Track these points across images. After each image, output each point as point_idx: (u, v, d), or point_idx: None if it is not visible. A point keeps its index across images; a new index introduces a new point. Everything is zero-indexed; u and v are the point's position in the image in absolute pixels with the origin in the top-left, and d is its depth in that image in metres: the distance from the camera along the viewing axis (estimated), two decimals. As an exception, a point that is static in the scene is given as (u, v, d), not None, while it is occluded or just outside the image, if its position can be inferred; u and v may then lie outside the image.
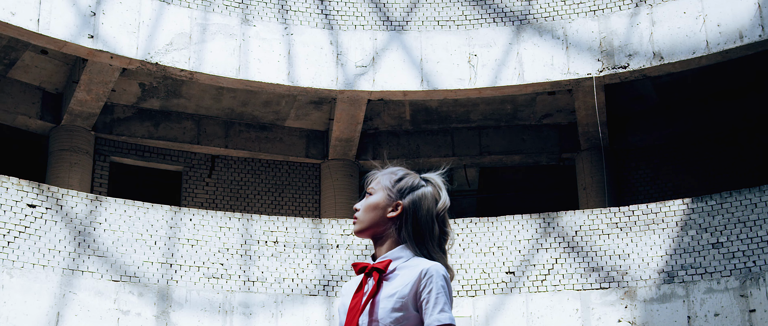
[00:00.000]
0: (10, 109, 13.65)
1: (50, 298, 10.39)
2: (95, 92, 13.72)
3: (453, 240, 2.72)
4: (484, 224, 12.64)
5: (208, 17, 13.68)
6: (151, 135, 14.70)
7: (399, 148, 15.83)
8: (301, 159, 15.59)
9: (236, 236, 11.94)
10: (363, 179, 2.69)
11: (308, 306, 11.77)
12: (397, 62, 14.17)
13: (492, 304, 12.04)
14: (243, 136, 15.29)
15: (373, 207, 2.55)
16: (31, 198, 10.83)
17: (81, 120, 13.98)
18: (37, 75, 13.92)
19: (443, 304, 2.41)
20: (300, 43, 14.03)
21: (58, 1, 12.52)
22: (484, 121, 15.85)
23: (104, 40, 12.75)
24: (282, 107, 15.32)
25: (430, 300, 2.40)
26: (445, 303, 2.42)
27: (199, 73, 13.35)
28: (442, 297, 2.41)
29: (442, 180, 2.71)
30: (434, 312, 2.39)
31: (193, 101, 14.92)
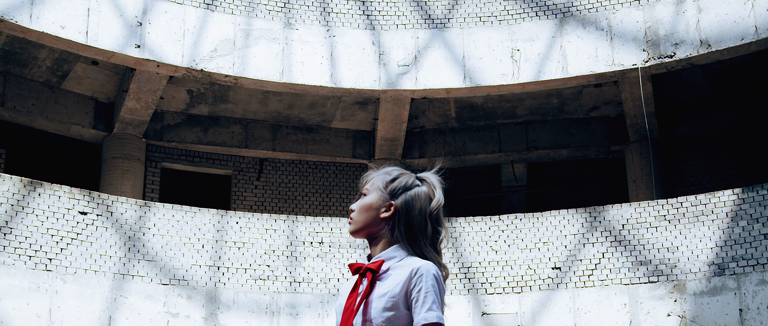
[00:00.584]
0: (65, 120, 14.06)
1: (102, 302, 10.70)
2: (144, 100, 14.05)
3: (448, 238, 2.75)
4: (529, 220, 12.57)
5: (252, 22, 13.89)
6: (201, 140, 14.99)
7: (445, 145, 15.83)
8: (347, 159, 15.71)
9: (282, 238, 12.11)
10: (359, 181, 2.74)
11: (354, 305, 11.87)
12: (440, 60, 14.18)
13: (538, 300, 11.96)
14: (290, 138, 15.48)
15: (366, 208, 2.59)
16: (82, 205, 11.17)
17: (132, 128, 14.33)
18: (90, 85, 14.32)
19: (431, 303, 2.43)
20: (342, 45, 14.14)
21: (105, 13, 12.86)
22: (531, 116, 15.74)
23: (150, 49, 13.06)
24: (328, 109, 15.46)
25: (420, 298, 2.43)
26: (434, 302, 2.45)
27: (243, 78, 13.56)
28: (430, 295, 2.44)
29: (438, 179, 2.75)
30: (422, 310, 2.42)
31: (241, 106, 15.16)
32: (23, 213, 10.72)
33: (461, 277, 12.20)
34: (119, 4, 13.07)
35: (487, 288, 12.12)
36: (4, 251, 10.38)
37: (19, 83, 13.76)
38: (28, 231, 10.63)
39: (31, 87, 13.86)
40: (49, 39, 12.47)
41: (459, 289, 12.11)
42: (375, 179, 2.66)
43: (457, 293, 12.08)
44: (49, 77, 13.99)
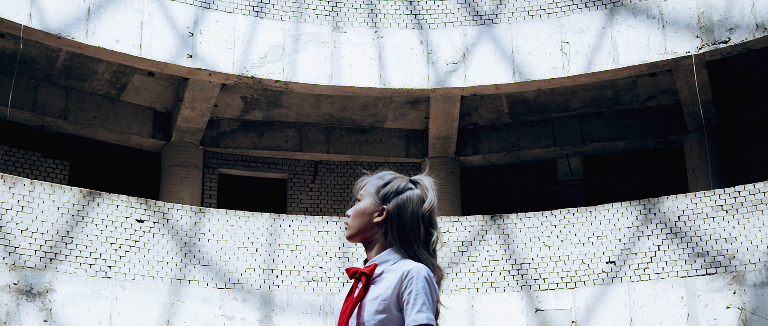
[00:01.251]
0: (125, 130, 14.51)
1: (160, 307, 11.02)
2: (199, 109, 14.39)
3: (441, 240, 2.78)
4: (582, 214, 12.43)
5: (300, 27, 14.08)
6: (256, 145, 15.27)
7: (499, 141, 15.77)
8: (401, 159, 15.79)
9: (334, 239, 12.25)
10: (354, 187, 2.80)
11: (407, 304, 11.94)
12: (488, 56, 14.13)
13: (593, 295, 11.83)
14: (343, 140, 15.63)
15: (360, 213, 2.64)
16: (139, 213, 11.52)
17: (189, 136, 14.69)
18: (147, 96, 14.73)
19: (421, 305, 2.47)
20: (390, 45, 14.22)
21: (158, 26, 13.22)
22: (585, 109, 15.55)
23: (202, 58, 13.37)
24: (380, 109, 15.57)
25: (410, 300, 2.47)
26: (424, 304, 2.48)
27: (293, 82, 13.77)
28: (420, 297, 2.47)
29: (431, 182, 2.78)
30: (412, 312, 2.46)
31: (294, 110, 15.39)
32: (83, 222, 11.12)
33: (514, 274, 12.15)
34: (171, 16, 13.42)
35: (540, 284, 12.05)
36: (65, 260, 10.79)
37: (80, 97, 14.25)
38: (88, 240, 11.02)
39: (91, 100, 14.33)
40: (104, 53, 12.88)
41: (512, 286, 12.07)
42: (368, 184, 2.71)
43: (510, 290, 12.04)
44: (108, 90, 14.45)
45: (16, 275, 10.37)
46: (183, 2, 13.59)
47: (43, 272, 10.55)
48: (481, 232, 12.53)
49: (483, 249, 12.37)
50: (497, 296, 11.99)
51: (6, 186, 10.72)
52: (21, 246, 10.52)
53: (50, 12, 12.41)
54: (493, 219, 12.62)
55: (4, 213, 10.58)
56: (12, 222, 10.61)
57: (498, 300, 11.97)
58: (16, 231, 10.57)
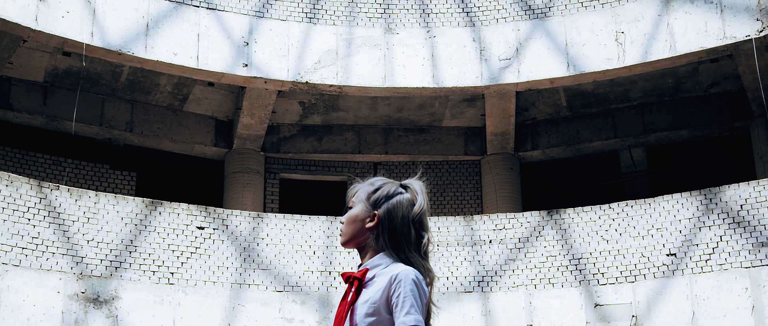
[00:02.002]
0: (188, 140, 14.94)
1: (221, 312, 11.34)
2: (257, 116, 14.71)
3: (432, 242, 2.85)
4: (641, 206, 12.24)
5: (353, 31, 14.25)
6: (315, 149, 15.51)
7: (558, 135, 15.62)
8: (460, 157, 15.80)
9: (390, 240, 12.36)
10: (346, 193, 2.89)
11: (464, 303, 11.97)
12: (542, 50, 14.03)
13: (653, 289, 11.64)
14: (402, 140, 15.74)
15: (352, 220, 2.72)
16: (199, 220, 11.87)
17: (250, 142, 15.03)
18: (209, 106, 15.13)
19: (410, 307, 2.54)
20: (443, 44, 14.26)
21: (214, 37, 13.58)
22: (646, 98, 15.27)
23: (257, 66, 13.67)
24: (436, 108, 15.61)
25: (399, 303, 2.55)
26: (412, 306, 2.55)
27: (347, 86, 13.94)
28: (408, 300, 2.55)
29: (421, 186, 2.84)
30: (401, 314, 2.54)
31: (351, 113, 15.57)
32: (146, 231, 11.52)
33: (572, 269, 12.04)
34: (226, 27, 13.76)
35: (599, 278, 11.91)
36: (130, 268, 11.20)
37: (144, 109, 14.75)
38: (151, 248, 11.42)
39: (155, 112, 14.81)
40: (163, 66, 13.30)
41: (570, 281, 11.96)
42: (359, 191, 2.77)
43: (568, 285, 11.94)
44: (171, 101, 14.90)
45: (83, 284, 10.83)
46: (238, 13, 13.91)
47: (109, 280, 10.98)
48: (538, 228, 12.46)
49: (540, 245, 12.30)
50: (555, 292, 11.91)
51: (72, 199, 11.20)
52: (88, 256, 10.98)
53: (110, 29, 12.88)
54: (550, 214, 12.53)
55: (71, 225, 11.06)
56: (79, 233, 11.07)
57: (556, 296, 11.89)
58: (82, 242, 11.03)
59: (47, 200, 11.04)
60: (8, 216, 10.66)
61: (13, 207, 10.75)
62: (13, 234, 10.61)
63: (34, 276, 10.53)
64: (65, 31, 12.52)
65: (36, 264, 10.62)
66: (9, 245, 10.53)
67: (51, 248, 10.79)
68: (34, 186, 11.01)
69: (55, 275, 10.68)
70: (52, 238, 10.86)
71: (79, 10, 12.70)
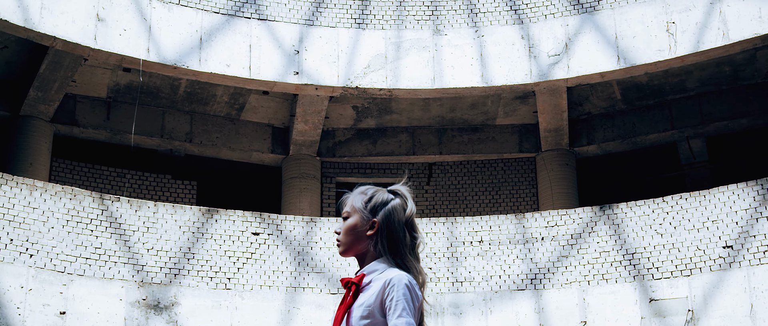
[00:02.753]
0: (246, 148, 15.34)
1: (277, 315, 11.64)
2: (311, 122, 15.00)
3: (423, 243, 3.01)
4: (695, 198, 12.05)
5: (401, 34, 14.41)
6: (370, 152, 15.73)
7: (613, 129, 15.46)
8: (514, 155, 15.79)
9: (442, 240, 12.49)
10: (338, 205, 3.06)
11: (517, 301, 12.00)
12: (591, 44, 13.93)
13: (709, 282, 11.45)
14: (456, 140, 15.82)
15: (351, 230, 2.85)
16: (254, 226, 12.20)
17: (305, 148, 15.34)
18: (265, 113, 15.51)
19: (401, 310, 2.69)
20: (491, 43, 14.29)
21: (265, 48, 13.93)
22: (703, 88, 15.00)
23: (308, 74, 13.95)
24: (489, 107, 15.64)
25: (392, 306, 2.71)
26: (404, 309, 2.70)
27: (396, 89, 14.11)
28: (400, 303, 2.70)
29: (408, 190, 2.99)
30: (393, 317, 2.70)
31: (404, 115, 15.73)
32: (203, 239, 11.91)
33: (626, 264, 11.95)
34: (277, 37, 14.09)
35: (653, 273, 11.79)
36: (188, 275, 11.60)
37: (203, 120, 15.20)
38: (208, 255, 11.80)
39: (213, 122, 15.26)
40: (217, 78, 13.71)
41: (624, 277, 11.87)
42: (353, 201, 2.89)
43: (622, 280, 11.85)
44: (228, 111, 15.32)
45: (144, 291, 11.27)
46: (288, 22, 14.23)
47: (169, 287, 11.40)
48: (591, 224, 12.39)
49: (593, 240, 12.24)
50: (609, 288, 11.83)
51: (132, 210, 11.66)
52: (148, 264, 11.42)
53: (166, 44, 13.35)
54: (603, 209, 12.45)
55: (132, 235, 11.52)
56: (139, 242, 11.53)
57: (610, 291, 11.81)
58: (142, 251, 11.48)
59: (109, 211, 11.52)
60: (72, 228, 11.17)
61: (77, 219, 11.26)
62: (77, 245, 11.12)
63: (98, 284, 11.01)
64: (123, 49, 13.02)
65: (99, 273, 11.11)
66: (74, 256, 11.04)
67: (113, 257, 11.27)
68: (96, 198, 11.51)
69: (117, 283, 11.15)
70: (114, 248, 11.34)
71: (136, 28, 13.19)
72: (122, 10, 13.15)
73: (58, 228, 11.09)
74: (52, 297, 10.65)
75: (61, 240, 11.03)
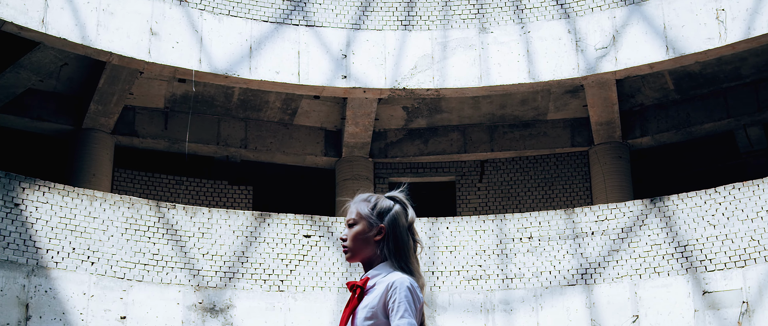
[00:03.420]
0: (299, 152, 15.66)
1: (329, 315, 11.89)
2: (361, 124, 15.22)
3: (422, 246, 3.18)
4: (749, 188, 11.85)
5: (447, 34, 14.51)
6: (422, 151, 15.87)
7: (667, 120, 15.26)
8: (567, 149, 15.72)
9: (492, 237, 12.55)
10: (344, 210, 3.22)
11: (567, 296, 11.99)
12: (639, 35, 13.80)
13: (765, 273, 11.25)
14: (507, 137, 15.84)
15: (360, 236, 2.99)
16: (306, 229, 12.48)
17: (357, 150, 15.57)
18: (317, 117, 15.80)
19: (404, 311, 2.85)
20: (537, 39, 14.28)
21: (313, 53, 14.20)
22: (759, 74, 14.68)
23: (356, 77, 14.17)
24: (539, 102, 15.62)
25: (395, 308, 2.86)
26: (406, 310, 2.86)
27: (443, 88, 14.22)
28: (402, 305, 2.86)
29: (405, 196, 3.16)
30: (396, 318, 2.85)
31: (455, 113, 15.82)
32: (256, 242, 12.24)
33: (678, 257, 11.82)
34: (325, 42, 14.35)
35: (706, 265, 11.63)
36: (242, 278, 11.95)
37: (257, 126, 15.58)
38: (261, 258, 12.12)
39: (267, 127, 15.62)
40: (267, 85, 14.04)
41: (676, 269, 11.75)
42: (359, 208, 3.04)
43: (675, 273, 11.73)
44: (281, 116, 15.67)
45: (200, 295, 11.66)
46: (335, 27, 14.47)
47: (224, 290, 11.77)
48: (641, 217, 12.29)
49: (644, 234, 12.14)
50: (661, 281, 11.73)
51: (188, 216, 12.07)
52: (203, 269, 11.80)
53: (217, 55, 13.74)
54: (653, 202, 12.33)
55: (188, 240, 11.92)
56: (194, 247, 11.92)
57: (662, 285, 11.71)
58: (198, 256, 11.87)
59: (165, 218, 11.95)
60: (131, 235, 11.63)
61: (135, 227, 11.71)
62: (135, 252, 11.57)
63: (156, 289, 11.44)
64: (176, 61, 13.46)
65: (157, 278, 11.54)
66: (132, 262, 11.49)
67: (170, 263, 11.68)
68: (153, 206, 11.95)
69: (174, 288, 11.56)
70: (171, 254, 11.75)
71: (188, 40, 13.61)
72: (174, 23, 13.59)
73: (118, 236, 11.56)
74: (112, 303, 11.11)
75: (120, 248, 11.50)
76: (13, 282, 10.59)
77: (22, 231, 10.89)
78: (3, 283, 10.52)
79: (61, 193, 11.39)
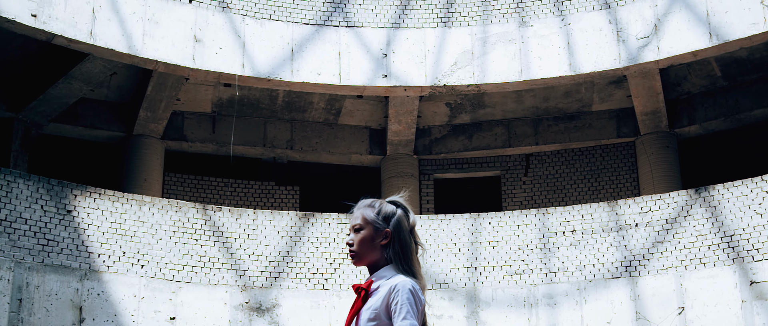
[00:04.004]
0: (345, 151, 15.86)
1: (374, 312, 12.05)
2: (404, 122, 15.34)
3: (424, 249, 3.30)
4: (796, 176, 11.61)
5: (487, 29, 14.53)
6: (466, 147, 15.91)
7: (715, 107, 15.02)
8: (613, 140, 15.59)
9: (534, 231, 12.55)
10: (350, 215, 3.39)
11: (611, 289, 11.93)
12: (681, 23, 13.60)
13: (813, 262, 11.02)
14: (552, 129, 15.78)
15: (367, 241, 3.09)
16: (349, 228, 12.65)
17: (401, 147, 15.70)
18: (361, 117, 15.97)
19: (405, 313, 2.97)
20: (578, 31, 14.19)
21: (354, 54, 14.37)
22: (809, 58, 14.35)
23: (396, 75, 14.29)
24: (583, 94, 15.52)
25: (397, 310, 2.98)
26: (408, 312, 2.97)
27: (484, 84, 14.24)
28: (404, 307, 2.97)
29: (406, 200, 3.30)
30: (398, 319, 2.98)
31: (498, 108, 15.82)
32: (301, 242, 12.47)
33: (724, 247, 11.65)
34: (365, 42, 14.50)
35: (754, 254, 11.45)
36: (287, 277, 12.19)
37: (302, 127, 15.83)
38: (306, 257, 12.35)
39: (312, 128, 15.86)
40: (308, 87, 14.25)
41: (722, 260, 11.58)
42: (365, 214, 3.13)
43: (721, 264, 11.57)
44: (326, 116, 15.89)
45: (247, 294, 11.94)
46: (375, 27, 14.61)
47: (269, 290, 12.02)
48: (686, 207, 12.14)
49: (689, 224, 11.99)
50: (707, 272, 11.58)
51: (233, 218, 12.36)
52: (249, 269, 12.08)
53: (259, 59, 14.01)
54: (698, 192, 12.17)
55: (234, 242, 12.21)
56: (241, 248, 12.21)
57: (708, 275, 11.56)
58: (244, 257, 12.15)
59: (211, 221, 12.26)
60: (179, 238, 11.96)
61: (183, 230, 12.05)
62: (183, 255, 11.90)
63: (204, 290, 11.75)
64: (219, 66, 13.77)
65: (204, 279, 11.85)
66: (181, 264, 11.83)
67: (217, 264, 11.99)
68: (200, 209, 12.27)
69: (221, 288, 11.86)
70: (218, 255, 12.06)
71: (231, 45, 13.91)
72: (217, 29, 13.90)
73: (166, 240, 11.91)
74: (162, 304, 11.46)
75: (168, 251, 11.84)
76: (67, 286, 11.01)
77: (75, 236, 11.31)
78: (58, 287, 10.96)
79: (111, 199, 11.78)
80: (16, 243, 10.89)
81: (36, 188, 11.24)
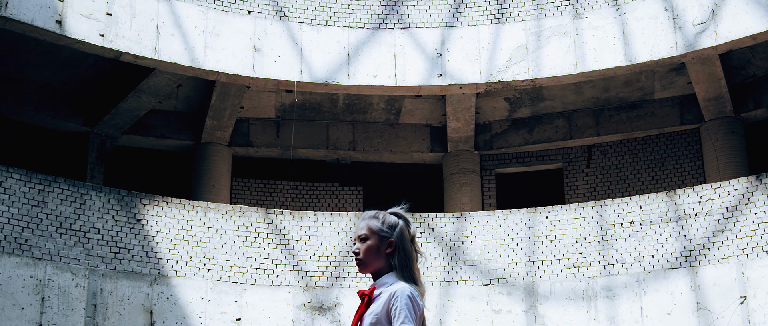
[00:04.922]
0: (406, 150, 16.11)
1: (433, 308, 12.28)
2: (463, 119, 15.49)
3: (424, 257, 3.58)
4: None
5: (541, 23, 14.54)
6: (527, 141, 15.95)
7: (781, 90, 14.64)
8: (676, 128, 15.38)
9: (591, 224, 12.55)
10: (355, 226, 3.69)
11: (671, 280, 11.84)
12: (739, 7, 13.33)
13: None
14: (613, 120, 15.66)
15: (373, 251, 3.34)
16: (407, 227, 12.91)
17: (462, 144, 15.85)
18: (421, 115, 16.20)
19: (404, 318, 3.22)
20: (633, 20, 14.07)
21: (409, 55, 14.60)
22: None
23: (451, 74, 14.46)
24: (644, 82, 15.35)
25: (396, 314, 3.24)
26: (406, 317, 3.23)
27: (539, 78, 14.26)
28: (403, 312, 3.23)
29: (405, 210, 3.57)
30: (397, 323, 3.23)
31: (558, 100, 15.80)
32: (360, 242, 12.79)
33: None
34: (420, 42, 14.72)
35: (818, 241, 11.19)
36: (348, 276, 12.53)
37: (364, 128, 16.16)
38: (365, 257, 12.66)
39: (374, 128, 16.17)
40: (365, 89, 14.56)
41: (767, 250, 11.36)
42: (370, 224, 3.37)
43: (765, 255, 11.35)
44: (386, 116, 16.17)
45: (309, 294, 12.33)
46: (430, 27, 14.81)
47: (330, 289, 12.39)
48: (747, 195, 11.94)
49: (750, 212, 11.79)
50: (770, 260, 11.37)
51: (295, 221, 12.77)
52: (311, 270, 12.47)
53: (316, 64, 14.39)
54: (759, 178, 11.95)
55: (295, 244, 12.62)
56: (302, 250, 12.61)
57: (771, 264, 11.35)
58: (306, 258, 12.55)
59: (274, 224, 12.70)
60: (242, 242, 12.45)
61: (246, 234, 12.52)
62: (247, 258, 12.38)
63: (267, 292, 12.20)
64: (278, 74, 14.21)
65: (268, 281, 12.30)
66: (245, 267, 12.31)
67: (279, 266, 12.42)
68: (262, 213, 12.72)
69: (284, 289, 12.29)
70: (280, 257, 12.49)
71: (289, 53, 14.33)
72: (275, 38, 14.34)
73: (231, 244, 12.40)
74: (228, 306, 11.96)
75: (233, 254, 12.34)
76: (138, 291, 11.62)
77: (145, 243, 11.92)
78: (129, 292, 11.57)
79: (178, 207, 12.34)
80: (90, 251, 11.55)
81: (107, 199, 11.88)
